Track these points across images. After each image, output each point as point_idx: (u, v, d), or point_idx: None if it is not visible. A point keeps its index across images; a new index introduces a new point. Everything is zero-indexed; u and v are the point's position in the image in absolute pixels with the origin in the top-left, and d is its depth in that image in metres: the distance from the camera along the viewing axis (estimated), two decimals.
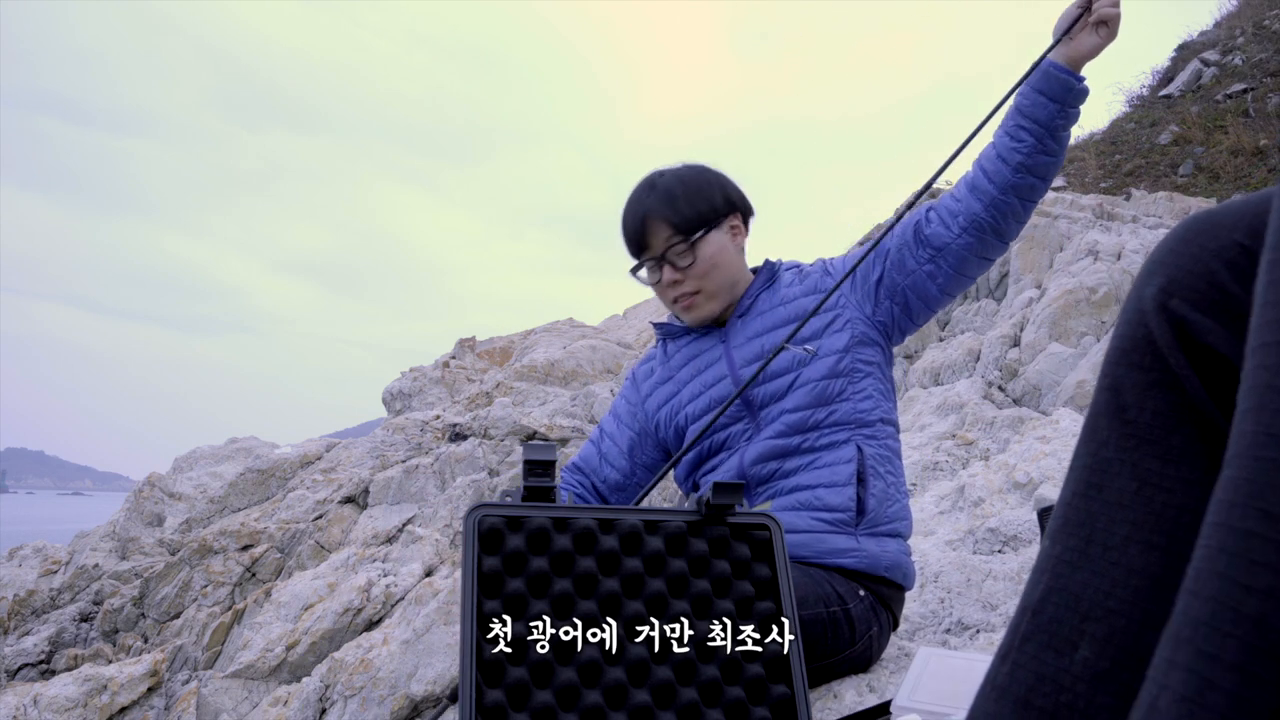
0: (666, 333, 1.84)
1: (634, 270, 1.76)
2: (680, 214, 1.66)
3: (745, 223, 1.78)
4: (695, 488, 1.77)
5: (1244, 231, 0.44)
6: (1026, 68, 1.58)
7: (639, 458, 1.82)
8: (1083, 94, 1.55)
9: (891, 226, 1.65)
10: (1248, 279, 0.42)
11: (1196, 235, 0.45)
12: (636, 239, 1.70)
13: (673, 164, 1.76)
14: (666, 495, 4.11)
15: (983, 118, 1.56)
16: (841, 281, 1.59)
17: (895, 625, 1.68)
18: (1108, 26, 1.52)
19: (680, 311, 1.76)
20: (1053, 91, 1.54)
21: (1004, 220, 1.58)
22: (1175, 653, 0.34)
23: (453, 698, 1.40)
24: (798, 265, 1.81)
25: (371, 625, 3.12)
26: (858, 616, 1.55)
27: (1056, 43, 1.56)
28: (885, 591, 1.61)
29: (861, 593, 1.57)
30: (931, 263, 1.62)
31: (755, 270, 1.82)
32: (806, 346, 1.63)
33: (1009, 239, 1.61)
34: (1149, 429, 0.46)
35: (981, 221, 1.57)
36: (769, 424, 1.65)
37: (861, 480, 1.60)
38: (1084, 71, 1.56)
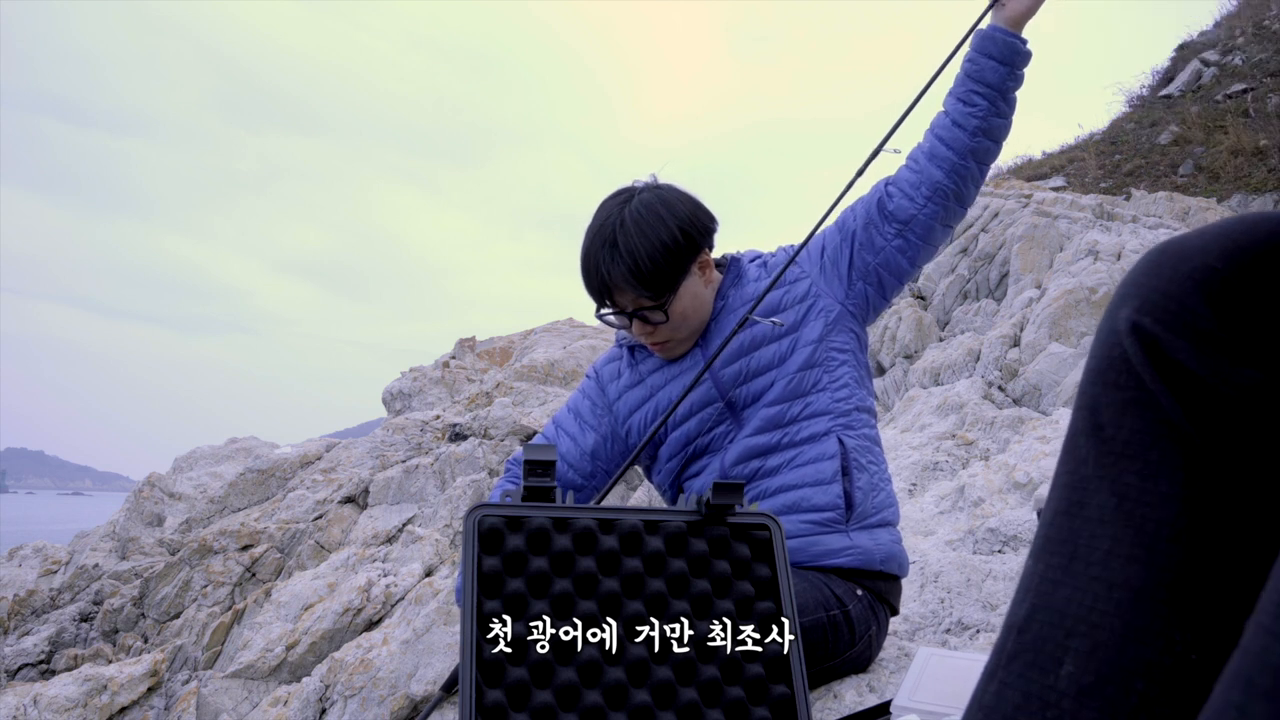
0: (634, 344, 1.78)
1: (599, 314, 1.67)
2: (646, 278, 1.56)
3: (710, 246, 1.70)
4: (680, 491, 1.74)
5: (1216, 255, 0.45)
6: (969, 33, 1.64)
7: (601, 461, 1.76)
8: (1027, 55, 1.59)
9: (840, 197, 1.66)
10: (1217, 300, 0.44)
11: (1169, 260, 0.47)
12: (601, 295, 1.63)
13: (640, 186, 1.65)
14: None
15: (924, 83, 1.61)
16: (795, 256, 1.60)
17: (894, 613, 1.69)
18: None
19: (656, 351, 1.71)
20: (1000, 54, 1.58)
21: (964, 185, 1.62)
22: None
23: (447, 688, 1.40)
24: (759, 255, 1.78)
25: (371, 625, 3.12)
26: (857, 617, 1.55)
27: (990, 6, 1.60)
28: (882, 586, 1.61)
29: (859, 592, 1.57)
30: (900, 237, 1.63)
31: (719, 265, 1.76)
32: (774, 319, 1.61)
33: (968, 204, 1.65)
34: (1127, 446, 0.47)
35: (944, 188, 1.60)
36: (748, 423, 1.65)
37: (846, 474, 1.59)
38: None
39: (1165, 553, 0.44)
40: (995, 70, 1.57)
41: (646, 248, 1.56)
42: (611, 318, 1.67)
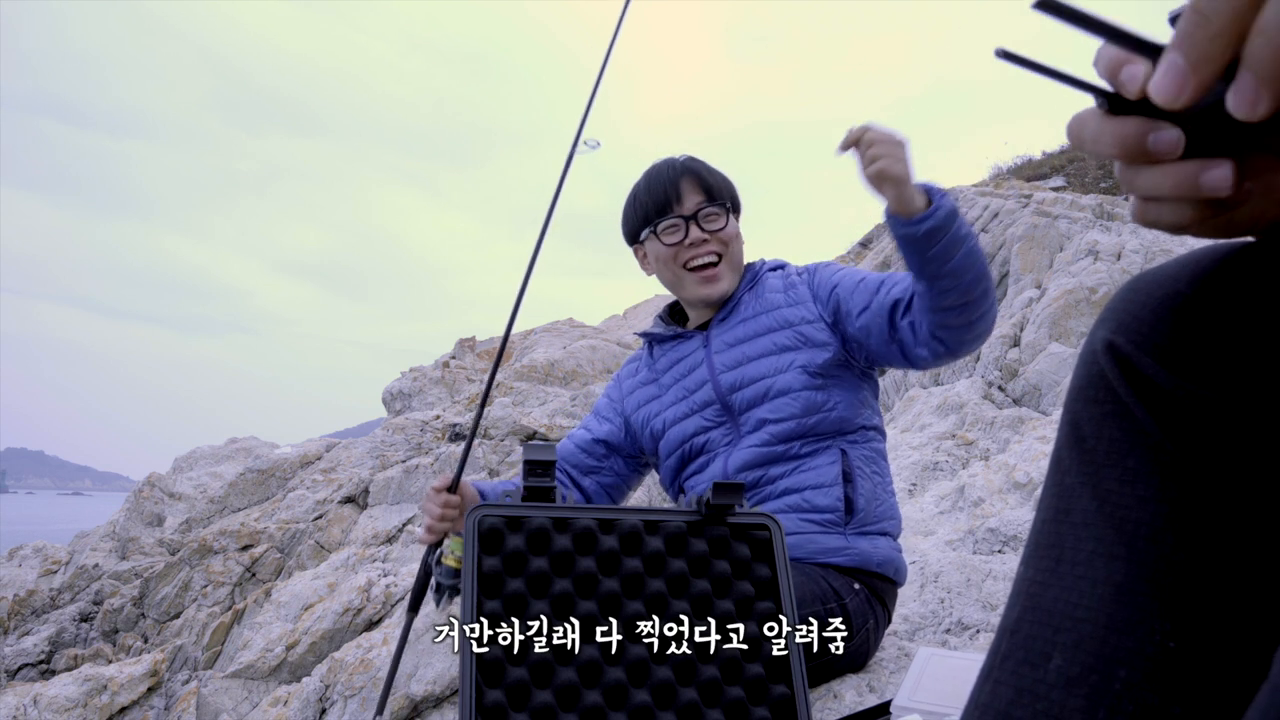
0: (652, 339, 1.86)
1: (654, 227, 1.70)
2: (715, 181, 1.73)
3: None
4: (681, 491, 1.77)
5: (1186, 281, 0.50)
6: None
7: (614, 447, 1.85)
8: (934, 231, 1.33)
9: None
10: (1181, 323, 0.48)
11: (1144, 286, 0.52)
12: (667, 197, 1.71)
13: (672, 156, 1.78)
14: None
15: None
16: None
17: (889, 617, 1.69)
18: (884, 178, 1.31)
19: (698, 284, 1.73)
20: (904, 247, 1.38)
21: (953, 333, 1.46)
22: None
23: (414, 606, 1.41)
24: (783, 266, 1.82)
25: (371, 625, 3.12)
26: (854, 611, 1.55)
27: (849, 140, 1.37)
28: (879, 585, 1.62)
29: (856, 586, 1.57)
30: (901, 356, 1.58)
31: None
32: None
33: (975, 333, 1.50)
34: (1106, 455, 0.51)
35: (935, 348, 1.50)
36: (752, 432, 1.65)
37: (849, 480, 1.61)
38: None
39: (1144, 550, 0.48)
40: (913, 261, 1.38)
41: (709, 167, 1.75)
42: (668, 223, 1.70)
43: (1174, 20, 0.39)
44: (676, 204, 1.71)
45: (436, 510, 1.53)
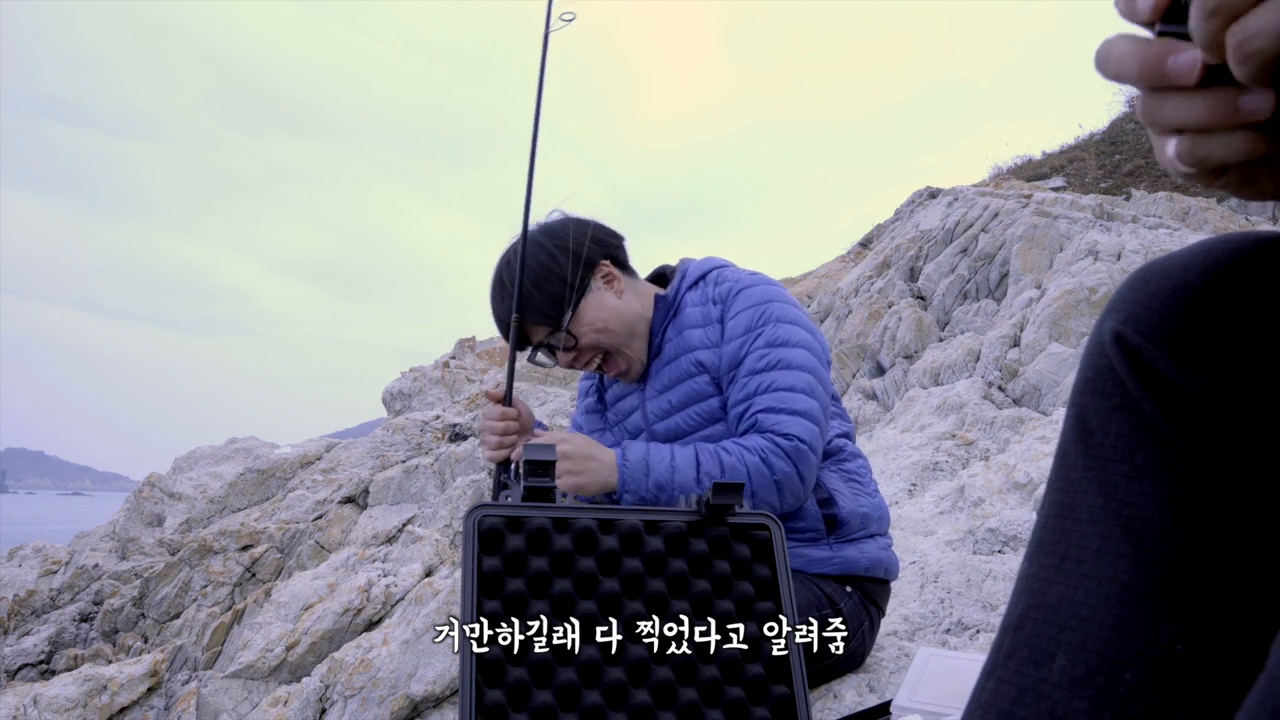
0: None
1: (531, 358, 1.70)
2: (538, 308, 1.59)
3: (618, 262, 1.68)
4: None
5: (1196, 272, 0.48)
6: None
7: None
8: (627, 496, 1.49)
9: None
10: (1193, 315, 0.47)
11: (1154, 276, 0.50)
12: (520, 334, 1.63)
13: (514, 239, 1.62)
14: None
15: None
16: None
17: (882, 614, 1.70)
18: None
19: (616, 377, 1.72)
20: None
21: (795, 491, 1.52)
22: None
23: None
24: (706, 275, 1.71)
25: (371, 625, 3.12)
26: (849, 615, 1.56)
27: None
28: (870, 588, 1.62)
29: (849, 589, 1.58)
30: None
31: (659, 277, 1.80)
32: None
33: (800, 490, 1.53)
34: (1113, 450, 0.49)
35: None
36: None
37: (827, 503, 1.59)
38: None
39: (1151, 549, 0.46)
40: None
41: (531, 277, 1.58)
42: (541, 357, 1.70)
43: None
44: (529, 341, 1.65)
45: (499, 425, 1.56)
